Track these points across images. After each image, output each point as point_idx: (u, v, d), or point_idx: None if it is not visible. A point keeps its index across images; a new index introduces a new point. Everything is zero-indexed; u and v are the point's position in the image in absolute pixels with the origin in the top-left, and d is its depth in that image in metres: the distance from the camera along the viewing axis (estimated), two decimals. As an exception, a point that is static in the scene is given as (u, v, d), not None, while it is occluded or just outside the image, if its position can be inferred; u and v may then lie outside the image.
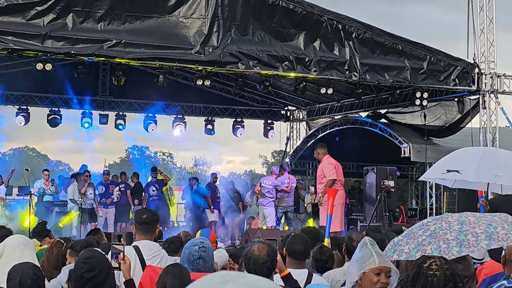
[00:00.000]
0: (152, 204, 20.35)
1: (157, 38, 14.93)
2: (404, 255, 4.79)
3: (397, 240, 4.96)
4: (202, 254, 5.39)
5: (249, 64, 15.54)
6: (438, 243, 4.63)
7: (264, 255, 5.16)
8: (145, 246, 6.14)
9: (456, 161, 9.46)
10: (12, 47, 14.00)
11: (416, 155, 19.80)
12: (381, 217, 18.47)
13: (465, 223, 4.82)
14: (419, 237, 4.82)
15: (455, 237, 4.66)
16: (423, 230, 4.88)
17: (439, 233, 4.74)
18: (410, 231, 5.02)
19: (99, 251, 4.94)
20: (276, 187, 19.23)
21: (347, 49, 16.32)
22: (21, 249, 5.52)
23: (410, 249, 4.76)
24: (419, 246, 4.71)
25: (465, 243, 4.61)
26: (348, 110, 23.19)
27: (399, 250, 4.84)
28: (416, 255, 4.66)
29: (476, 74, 17.89)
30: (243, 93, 23.99)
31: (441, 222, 4.90)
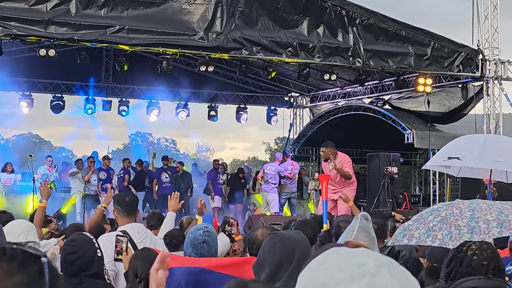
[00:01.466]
0: (164, 191, 20.33)
1: (161, 24, 14.89)
2: (414, 239, 4.79)
3: (407, 225, 4.95)
4: (206, 238, 5.40)
5: (253, 50, 15.51)
6: (449, 229, 4.63)
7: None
8: (133, 229, 6.15)
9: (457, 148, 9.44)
10: (15, 32, 13.99)
11: (419, 142, 19.78)
12: (384, 203, 18.48)
13: (477, 210, 4.82)
14: (430, 222, 4.81)
15: (466, 224, 4.65)
16: (434, 215, 4.87)
17: (450, 219, 4.73)
18: (420, 216, 5.01)
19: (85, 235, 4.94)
20: (279, 173, 19.22)
21: (350, 35, 16.28)
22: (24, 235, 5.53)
23: (420, 234, 4.75)
24: (430, 232, 4.70)
25: (477, 230, 4.61)
26: (351, 96, 23.17)
27: (409, 235, 4.83)
28: (426, 241, 4.66)
29: (480, 61, 17.85)
30: (247, 80, 23.95)
31: (452, 208, 4.89)
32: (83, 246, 4.78)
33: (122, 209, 6.46)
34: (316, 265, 1.58)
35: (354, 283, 1.49)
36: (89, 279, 4.65)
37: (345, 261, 1.55)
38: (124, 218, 6.43)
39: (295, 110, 26.68)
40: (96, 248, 4.78)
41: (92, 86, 23.43)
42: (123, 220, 6.43)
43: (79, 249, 4.75)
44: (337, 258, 1.57)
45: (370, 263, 1.52)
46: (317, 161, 25.16)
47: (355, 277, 1.50)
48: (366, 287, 1.48)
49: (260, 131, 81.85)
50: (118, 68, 17.86)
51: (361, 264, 1.52)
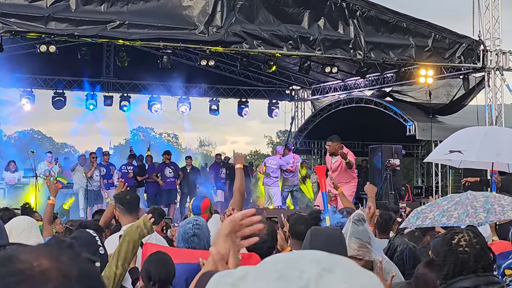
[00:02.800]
0: (169, 186, 20.33)
1: (161, 18, 14.88)
2: (428, 220, 4.84)
3: (420, 209, 5.04)
4: (196, 231, 5.43)
5: (253, 43, 15.50)
6: (465, 208, 4.71)
7: (264, 234, 5.21)
8: None
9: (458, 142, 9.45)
10: (15, 29, 13.98)
11: (421, 133, 19.77)
12: (387, 195, 18.48)
13: (490, 196, 4.95)
14: (444, 206, 4.90)
15: (481, 205, 4.75)
16: (448, 201, 4.99)
17: (465, 201, 4.83)
18: (434, 202, 5.15)
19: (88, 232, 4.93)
20: (281, 167, 19.22)
21: (351, 27, 16.25)
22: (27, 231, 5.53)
23: (434, 215, 4.82)
24: (445, 212, 4.77)
25: (492, 211, 4.69)
26: (353, 89, 23.15)
27: (423, 217, 4.89)
28: (441, 220, 4.71)
29: (481, 51, 17.82)
30: (248, 73, 23.93)
31: (466, 195, 5.01)
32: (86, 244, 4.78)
33: (124, 207, 6.46)
34: (244, 276, 1.31)
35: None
36: None
37: (289, 271, 1.28)
38: (127, 217, 6.40)
39: (297, 103, 26.67)
40: (99, 245, 4.78)
41: (93, 81, 23.44)
42: (125, 218, 6.41)
43: (82, 247, 4.74)
44: (278, 268, 1.29)
45: (312, 269, 1.27)
46: (319, 154, 25.17)
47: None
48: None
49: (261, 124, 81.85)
50: (119, 63, 17.85)
51: (304, 271, 1.27)
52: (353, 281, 1.26)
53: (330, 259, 1.31)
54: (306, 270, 1.26)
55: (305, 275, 1.25)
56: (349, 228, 4.70)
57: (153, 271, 4.66)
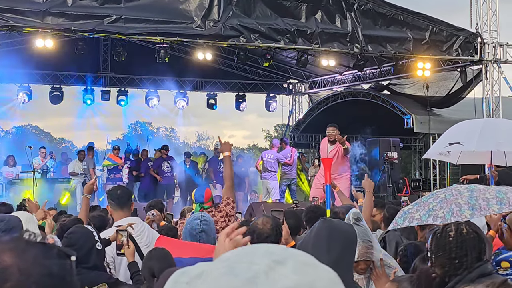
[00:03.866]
0: (166, 181, 20.30)
1: (158, 12, 14.85)
2: (415, 221, 4.83)
3: (407, 209, 5.02)
4: (204, 227, 5.45)
5: (251, 37, 15.47)
6: (450, 206, 4.68)
7: (268, 229, 5.18)
8: None
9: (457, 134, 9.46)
10: (12, 24, 13.94)
11: (419, 126, 19.77)
12: (384, 188, 18.50)
13: (475, 190, 4.90)
14: (429, 204, 4.88)
15: (466, 201, 4.72)
16: (433, 198, 4.95)
17: (450, 199, 4.81)
18: (420, 200, 5.13)
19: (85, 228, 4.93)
20: (278, 161, 19.21)
21: (348, 20, 16.23)
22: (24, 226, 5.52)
23: (420, 215, 4.81)
24: (430, 212, 4.76)
25: (477, 207, 4.66)
26: (350, 82, 23.14)
27: (410, 217, 4.87)
28: (427, 220, 4.71)
29: (478, 44, 17.80)
30: (245, 67, 23.92)
31: (451, 190, 4.97)
32: (80, 239, 4.79)
33: (114, 202, 6.41)
34: (200, 273, 1.31)
35: (248, 285, 1.24)
36: (86, 271, 4.66)
37: (237, 263, 1.29)
38: (118, 212, 6.36)
39: (294, 97, 26.65)
40: (96, 241, 4.77)
41: (90, 76, 23.42)
42: (117, 214, 6.37)
43: (76, 241, 4.76)
44: (229, 262, 1.30)
45: (263, 261, 1.27)
46: (317, 147, 25.13)
47: (248, 280, 1.24)
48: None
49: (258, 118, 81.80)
50: (116, 58, 17.83)
51: (253, 263, 1.27)
52: (304, 273, 1.26)
53: (283, 252, 1.31)
54: (257, 262, 1.27)
55: (255, 266, 1.26)
56: None
57: (156, 267, 4.62)
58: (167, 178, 20.43)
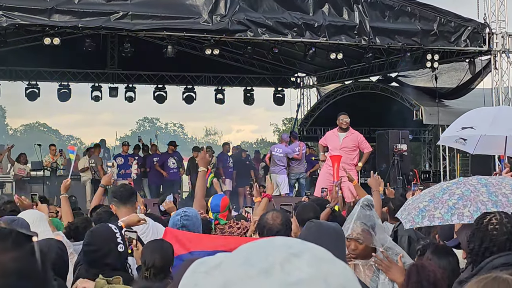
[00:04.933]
0: (172, 177, 20.28)
1: (164, 8, 14.83)
2: (437, 220, 4.71)
3: (422, 206, 4.85)
4: (184, 222, 5.49)
5: (258, 31, 15.44)
6: (476, 205, 4.60)
7: (278, 224, 5.18)
8: None
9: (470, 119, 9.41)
10: (19, 22, 13.96)
11: (428, 118, 19.71)
12: (394, 181, 18.42)
13: (489, 185, 4.81)
14: (447, 201, 4.74)
15: (488, 199, 4.65)
16: (448, 194, 4.81)
17: (470, 195, 4.71)
18: (432, 196, 4.90)
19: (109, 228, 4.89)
20: (287, 155, 19.17)
21: (356, 13, 16.17)
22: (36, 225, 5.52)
23: (442, 213, 4.67)
24: (453, 210, 4.65)
25: (500, 204, 4.61)
26: (358, 74, 23.06)
27: (429, 215, 4.75)
28: (452, 219, 4.62)
29: (487, 34, 17.71)
30: (253, 61, 23.87)
31: (465, 185, 4.85)
32: (98, 239, 4.73)
33: (117, 199, 6.39)
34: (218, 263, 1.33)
35: (261, 277, 1.26)
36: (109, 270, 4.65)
37: (254, 255, 1.31)
38: (122, 209, 6.31)
39: (302, 90, 26.61)
40: (118, 243, 4.72)
41: (98, 73, 23.43)
42: (120, 211, 6.31)
43: (94, 242, 4.72)
44: (246, 253, 1.32)
45: (280, 253, 1.29)
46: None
47: (264, 270, 1.26)
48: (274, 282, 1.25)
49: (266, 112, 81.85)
50: (124, 54, 17.82)
51: (270, 255, 1.29)
52: (319, 267, 1.27)
53: (300, 245, 1.32)
54: (273, 254, 1.28)
55: (271, 258, 1.27)
56: (356, 211, 4.74)
57: (147, 257, 4.66)
58: (173, 174, 20.42)
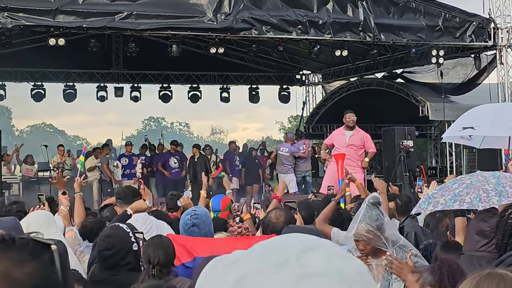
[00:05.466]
0: (174, 177, 20.26)
1: (169, 7, 14.84)
2: (440, 206, 4.82)
3: (431, 194, 5.01)
4: (194, 221, 5.52)
5: (262, 29, 15.44)
6: (478, 192, 4.67)
7: (282, 222, 5.21)
8: (137, 220, 6.08)
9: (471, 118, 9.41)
10: (23, 23, 13.98)
11: (434, 114, 19.67)
12: (401, 177, 18.38)
13: (501, 177, 4.89)
14: (455, 189, 4.85)
15: (493, 188, 4.71)
16: (458, 184, 4.92)
17: (476, 184, 4.78)
18: (444, 185, 5.08)
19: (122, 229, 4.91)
20: (293, 154, 19.16)
21: (360, 9, 16.14)
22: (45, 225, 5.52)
23: (446, 200, 4.78)
24: (456, 197, 4.74)
25: (504, 193, 4.65)
26: (363, 71, 23.03)
27: (434, 202, 4.86)
28: (453, 205, 4.71)
29: (492, 29, 17.66)
30: (257, 60, 23.85)
31: (476, 176, 4.96)
32: (118, 242, 4.76)
33: (121, 200, 6.52)
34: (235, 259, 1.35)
35: (276, 270, 1.28)
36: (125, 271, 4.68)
37: (270, 250, 1.34)
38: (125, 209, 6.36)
39: (308, 88, 26.58)
40: (133, 242, 4.76)
41: (103, 73, 23.46)
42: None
43: (114, 245, 4.75)
44: (262, 248, 1.35)
45: (295, 247, 1.31)
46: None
47: (278, 264, 1.28)
48: (289, 274, 1.27)
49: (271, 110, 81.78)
50: (129, 54, 17.84)
51: (286, 248, 1.32)
52: (334, 261, 1.29)
53: (316, 240, 1.34)
54: (288, 249, 1.31)
55: (286, 252, 1.29)
56: (362, 210, 4.72)
57: (152, 254, 4.67)
58: (175, 173, 20.42)
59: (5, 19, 13.83)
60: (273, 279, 1.26)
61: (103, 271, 4.77)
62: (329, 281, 1.26)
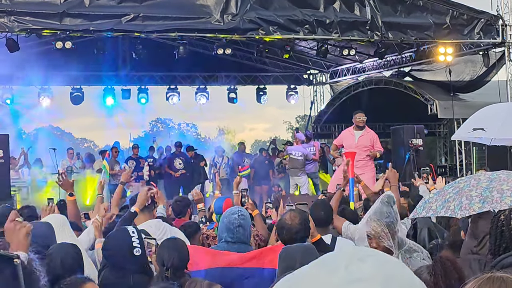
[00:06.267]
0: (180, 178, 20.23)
1: (175, 9, 14.81)
2: (431, 211, 4.95)
3: (427, 198, 5.11)
4: (241, 222, 5.51)
5: (269, 29, 15.39)
6: (460, 199, 4.69)
7: (297, 224, 5.17)
8: (151, 226, 6.06)
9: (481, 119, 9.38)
10: (30, 27, 13.98)
11: (443, 112, 19.59)
12: (411, 176, 18.30)
13: (495, 180, 4.85)
14: (447, 194, 4.91)
15: (479, 194, 4.71)
16: (453, 188, 4.98)
17: (465, 190, 4.81)
18: (442, 189, 5.13)
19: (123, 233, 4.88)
20: (306, 157, 19.12)
21: (367, 8, 16.08)
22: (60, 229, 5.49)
23: (437, 206, 4.88)
24: (445, 203, 4.81)
25: (489, 199, 4.64)
26: (371, 70, 22.97)
27: (427, 207, 4.95)
28: (441, 212, 4.80)
29: (500, 26, 17.57)
30: (265, 60, 23.79)
31: (471, 180, 4.97)
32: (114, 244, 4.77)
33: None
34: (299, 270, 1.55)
35: (327, 275, 1.44)
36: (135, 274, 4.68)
37: (327, 261, 1.50)
38: (140, 216, 6.38)
39: (315, 87, 26.52)
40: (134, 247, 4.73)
41: (110, 75, 23.44)
42: (138, 218, 6.37)
43: (112, 247, 4.78)
44: (318, 260, 1.53)
45: (347, 258, 1.46)
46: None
47: (329, 270, 1.45)
48: (340, 281, 1.42)
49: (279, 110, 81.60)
50: (135, 56, 17.81)
51: (338, 259, 1.48)
52: (381, 268, 1.43)
53: (367, 251, 1.49)
54: (341, 259, 1.46)
55: (339, 262, 1.45)
56: (375, 206, 4.73)
57: (165, 256, 4.66)
58: (180, 175, 20.41)
59: (12, 23, 13.83)
60: (325, 282, 1.42)
61: (112, 274, 4.79)
62: (373, 285, 1.40)
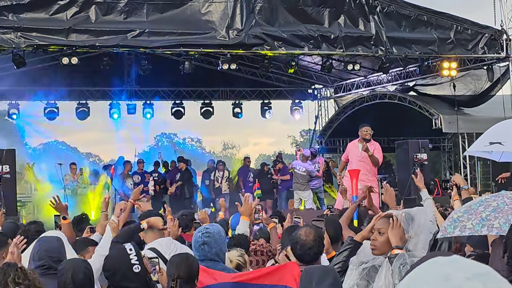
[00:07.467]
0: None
1: (181, 25, 14.89)
2: (468, 230, 4.75)
3: (456, 217, 4.90)
4: (205, 239, 5.43)
5: (274, 45, 15.46)
6: (506, 217, 4.59)
7: (311, 240, 5.14)
8: (161, 245, 6.00)
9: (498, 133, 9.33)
10: (37, 43, 14.07)
11: (447, 126, 19.60)
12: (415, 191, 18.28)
13: None
14: (482, 212, 4.76)
15: None
16: (484, 206, 4.83)
17: (504, 208, 4.71)
18: (469, 207, 4.97)
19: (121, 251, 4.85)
20: (310, 174, 19.14)
21: (372, 23, 16.15)
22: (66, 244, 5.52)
23: (473, 224, 4.71)
24: (484, 221, 4.67)
25: None
26: (375, 85, 23.01)
27: (461, 226, 4.78)
28: (482, 230, 4.64)
29: (504, 41, 17.62)
30: (269, 75, 23.85)
31: (502, 198, 4.86)
32: (113, 264, 4.74)
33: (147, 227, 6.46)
34: None
35: None
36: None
37: (429, 272, 1.50)
38: (149, 234, 6.33)
39: (320, 102, 26.55)
40: (133, 264, 4.70)
41: (115, 91, 23.50)
42: (148, 236, 6.34)
43: (110, 267, 4.74)
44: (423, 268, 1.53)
45: (457, 275, 1.46)
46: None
47: None
48: None
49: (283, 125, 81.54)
50: (141, 72, 17.87)
51: (445, 275, 1.47)
52: (490, 285, 1.45)
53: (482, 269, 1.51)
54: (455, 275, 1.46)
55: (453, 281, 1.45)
56: None
57: (173, 268, 4.69)
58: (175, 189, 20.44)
59: (19, 39, 13.92)
60: None
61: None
62: None
